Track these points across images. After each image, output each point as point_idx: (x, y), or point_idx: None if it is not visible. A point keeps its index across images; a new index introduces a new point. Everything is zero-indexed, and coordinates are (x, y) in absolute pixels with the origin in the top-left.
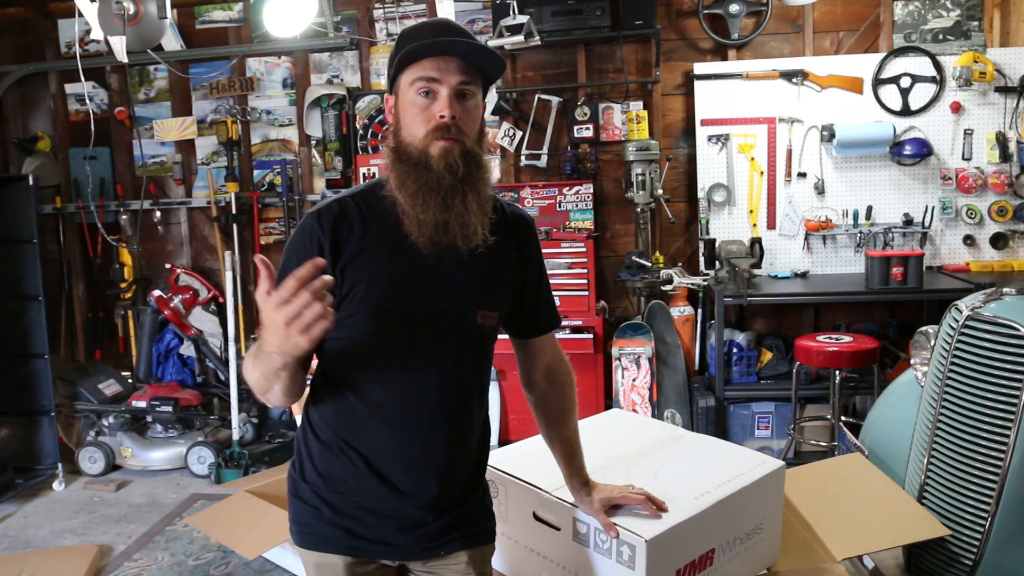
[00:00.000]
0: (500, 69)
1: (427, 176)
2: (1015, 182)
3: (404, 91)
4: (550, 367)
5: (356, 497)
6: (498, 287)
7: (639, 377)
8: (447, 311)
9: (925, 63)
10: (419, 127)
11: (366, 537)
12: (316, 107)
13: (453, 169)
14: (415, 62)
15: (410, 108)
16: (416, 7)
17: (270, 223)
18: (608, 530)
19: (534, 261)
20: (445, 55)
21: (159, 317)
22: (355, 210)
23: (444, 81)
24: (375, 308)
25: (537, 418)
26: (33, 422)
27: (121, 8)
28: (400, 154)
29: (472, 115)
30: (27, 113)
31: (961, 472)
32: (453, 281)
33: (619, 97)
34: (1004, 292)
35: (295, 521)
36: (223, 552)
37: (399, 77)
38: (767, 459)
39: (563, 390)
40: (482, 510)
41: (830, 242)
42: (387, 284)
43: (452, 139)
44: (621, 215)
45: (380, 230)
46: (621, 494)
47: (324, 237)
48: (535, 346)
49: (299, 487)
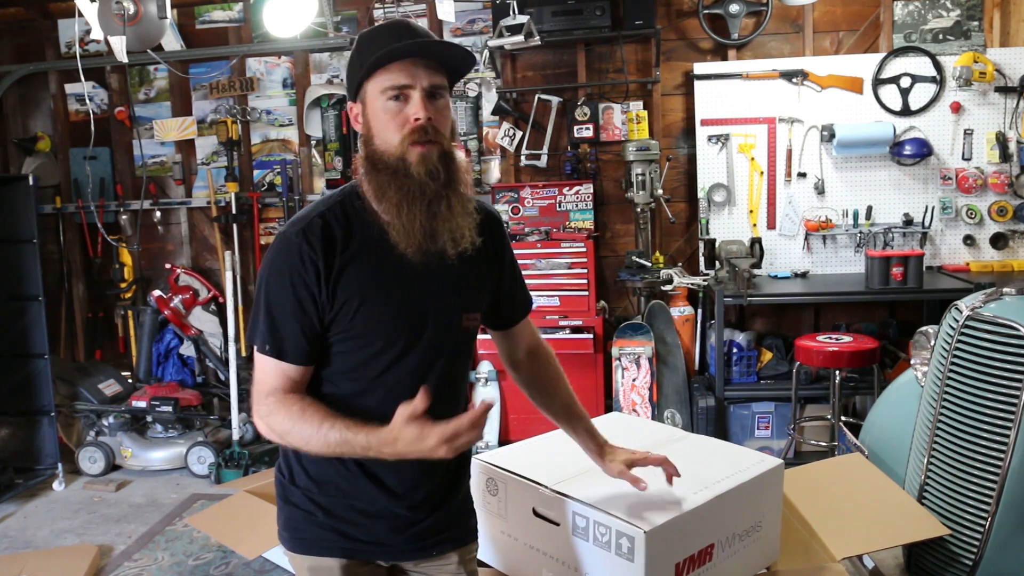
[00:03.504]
0: (470, 63)
1: (409, 184)
2: (1015, 182)
3: (373, 98)
4: (531, 346)
5: (349, 500)
6: (478, 288)
7: (639, 377)
8: (437, 318)
9: (925, 63)
10: (393, 133)
11: (360, 539)
12: (316, 107)
13: (434, 174)
14: (382, 68)
15: (381, 115)
16: (416, 7)
17: (270, 223)
18: (637, 484)
19: (508, 256)
20: (410, 57)
21: (159, 317)
22: (337, 224)
23: (415, 84)
24: (368, 322)
25: (531, 395)
26: (33, 422)
27: (121, 8)
28: (376, 163)
29: (444, 114)
30: (27, 113)
31: (961, 472)
32: (440, 287)
33: (619, 97)
34: (1004, 292)
35: (287, 527)
36: (223, 552)
37: (365, 84)
38: (766, 457)
39: (547, 359)
40: (466, 508)
41: (830, 242)
42: (378, 297)
43: (429, 142)
44: (621, 215)
45: (363, 241)
46: (642, 457)
47: (316, 255)
48: (516, 332)
49: (289, 492)
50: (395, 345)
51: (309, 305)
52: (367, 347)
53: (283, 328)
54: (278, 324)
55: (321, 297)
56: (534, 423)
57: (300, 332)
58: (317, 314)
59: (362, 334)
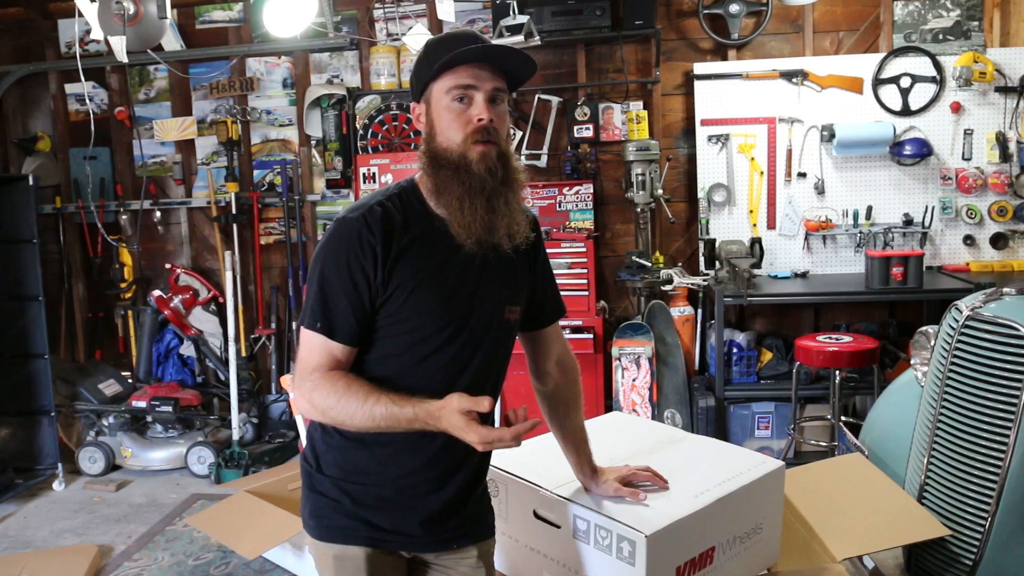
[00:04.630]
0: (532, 71)
1: (470, 180)
2: (1015, 182)
3: (438, 98)
4: (560, 356)
5: (376, 488)
6: (519, 283)
7: (639, 377)
8: (483, 309)
9: (925, 63)
10: (456, 132)
11: (384, 528)
12: (316, 107)
13: (494, 172)
14: (449, 70)
15: (445, 114)
16: (416, 7)
17: (270, 223)
18: (635, 496)
19: (542, 255)
20: (481, 62)
21: (159, 317)
22: (396, 213)
23: (480, 87)
24: (418, 309)
25: (547, 410)
26: (33, 422)
27: (121, 8)
28: (438, 160)
29: (503, 119)
30: (27, 113)
31: (961, 472)
32: (487, 280)
33: (619, 97)
34: (1004, 292)
35: (312, 515)
36: (223, 552)
37: (431, 85)
38: (767, 459)
39: (574, 378)
40: (485, 502)
41: (830, 242)
42: (430, 285)
43: (489, 142)
44: (621, 215)
45: (420, 232)
46: (630, 472)
47: (376, 240)
48: (545, 336)
49: (316, 481)
50: (442, 332)
51: (363, 287)
52: (414, 332)
53: (335, 308)
54: (331, 304)
55: (376, 281)
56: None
57: (351, 312)
58: (370, 296)
59: (411, 318)
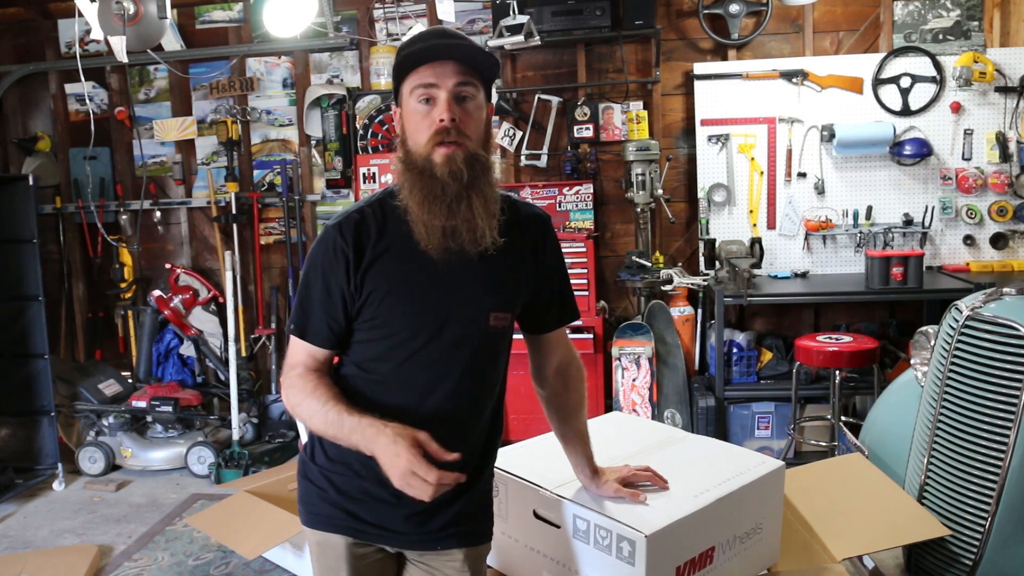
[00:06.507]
0: (495, 67)
1: (432, 184)
2: (1015, 182)
3: (406, 100)
4: (561, 364)
5: (361, 481)
6: (509, 288)
7: (639, 377)
8: (463, 315)
9: (925, 63)
10: (422, 134)
11: (366, 520)
12: (316, 107)
13: (457, 175)
14: (412, 70)
15: (412, 116)
16: (416, 7)
17: (270, 223)
18: (635, 497)
19: (549, 258)
20: (439, 60)
21: (159, 317)
22: (372, 219)
23: (441, 85)
24: (392, 314)
25: (549, 414)
26: (33, 422)
27: (121, 8)
28: (407, 163)
29: (473, 116)
30: (27, 113)
31: (961, 472)
32: (464, 285)
33: (619, 97)
34: (1004, 292)
35: (302, 501)
36: (223, 552)
37: (400, 87)
38: (767, 459)
39: (574, 385)
40: (482, 508)
41: (830, 242)
42: (402, 289)
43: (453, 143)
44: (621, 215)
45: (394, 237)
46: (630, 472)
47: (347, 248)
48: (546, 342)
49: (308, 469)
50: (416, 337)
51: (336, 293)
52: (391, 337)
53: (309, 311)
54: (306, 308)
55: (349, 287)
56: (534, 423)
57: (323, 316)
58: (343, 302)
59: (385, 324)
